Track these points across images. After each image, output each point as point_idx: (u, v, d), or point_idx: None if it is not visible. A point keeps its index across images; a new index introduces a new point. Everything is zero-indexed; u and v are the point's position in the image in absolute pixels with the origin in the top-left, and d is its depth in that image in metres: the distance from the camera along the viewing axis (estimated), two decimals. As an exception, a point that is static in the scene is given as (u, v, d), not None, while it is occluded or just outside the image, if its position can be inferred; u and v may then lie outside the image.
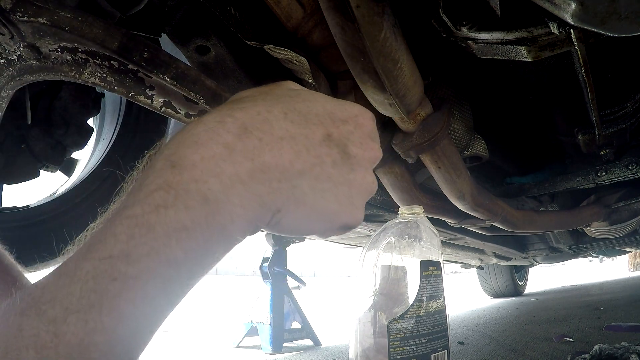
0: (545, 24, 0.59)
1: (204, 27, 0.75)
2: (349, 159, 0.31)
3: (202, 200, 0.25)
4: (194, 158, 0.26)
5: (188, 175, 0.25)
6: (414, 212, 0.85)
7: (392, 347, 0.72)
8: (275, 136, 0.28)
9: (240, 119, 0.28)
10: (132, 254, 0.24)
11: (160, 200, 0.24)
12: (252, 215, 0.27)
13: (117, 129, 1.18)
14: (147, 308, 0.25)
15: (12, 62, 0.60)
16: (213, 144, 0.26)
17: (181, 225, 0.24)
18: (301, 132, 0.29)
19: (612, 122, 1.06)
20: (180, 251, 0.24)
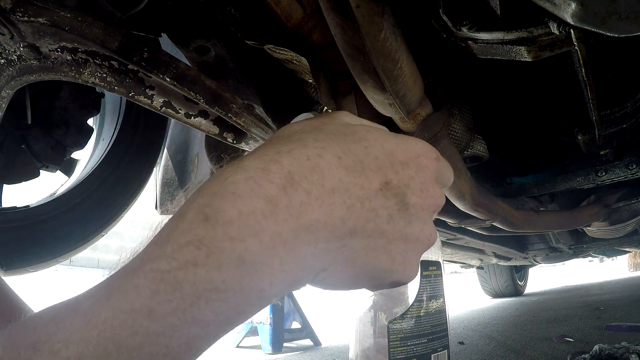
0: (545, 24, 0.59)
1: (204, 27, 0.75)
2: (407, 210, 0.28)
3: (237, 260, 0.22)
4: (231, 213, 0.22)
5: (223, 231, 0.22)
6: (414, 212, 0.85)
7: (392, 347, 0.72)
8: (327, 188, 0.25)
9: (287, 167, 0.24)
10: (156, 311, 0.22)
11: (190, 256, 0.22)
12: (293, 278, 0.24)
13: (117, 129, 1.18)
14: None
15: (12, 62, 0.60)
16: (254, 197, 0.23)
17: (212, 285, 0.22)
18: (356, 182, 0.26)
19: (612, 122, 1.06)
20: (210, 312, 0.22)
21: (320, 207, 0.24)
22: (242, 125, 0.75)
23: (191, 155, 1.22)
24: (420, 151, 0.30)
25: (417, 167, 0.29)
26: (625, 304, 2.94)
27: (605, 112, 1.05)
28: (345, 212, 0.25)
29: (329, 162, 0.25)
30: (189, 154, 1.23)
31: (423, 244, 0.29)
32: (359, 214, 0.26)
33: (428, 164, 0.30)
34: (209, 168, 1.09)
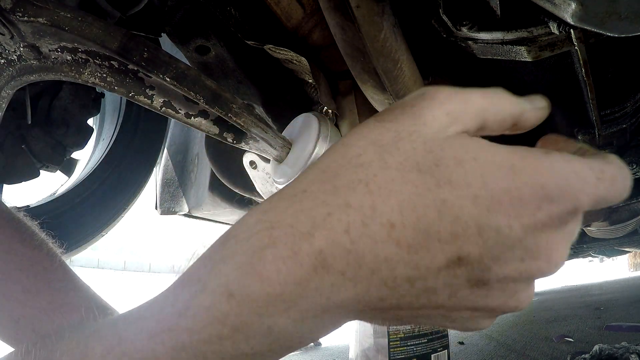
0: (545, 24, 0.59)
1: (204, 27, 0.75)
2: (485, 285, 0.22)
3: (266, 331, 0.21)
4: (259, 294, 0.20)
5: (250, 309, 0.21)
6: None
7: (392, 347, 0.72)
8: (364, 270, 0.20)
9: (318, 246, 0.20)
10: None
11: (215, 331, 0.21)
12: (325, 334, 0.24)
13: (117, 129, 1.18)
14: None
15: (12, 62, 0.60)
16: (282, 279, 0.20)
17: (240, 352, 0.21)
18: (409, 260, 0.20)
19: (612, 122, 1.07)
20: None
21: (354, 288, 0.21)
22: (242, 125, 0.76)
23: (191, 155, 1.22)
24: (565, 190, 0.20)
25: (528, 220, 0.20)
26: (625, 304, 2.94)
27: (605, 112, 1.05)
28: (386, 292, 0.21)
29: (374, 234, 0.20)
30: (189, 154, 1.23)
31: (505, 311, 0.24)
32: (404, 294, 0.21)
33: (569, 212, 0.21)
34: (209, 168, 1.09)
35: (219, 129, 0.82)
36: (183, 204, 1.20)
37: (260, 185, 0.82)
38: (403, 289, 0.21)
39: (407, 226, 0.20)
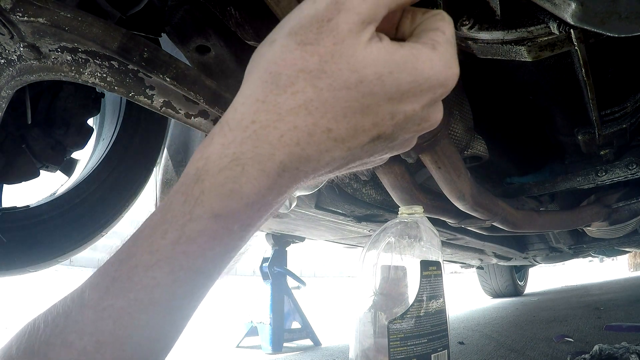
0: (545, 24, 0.59)
1: (204, 27, 0.75)
2: (392, 142, 0.31)
3: (246, 234, 0.30)
4: (240, 208, 0.28)
5: (234, 221, 0.29)
6: (414, 212, 0.85)
7: (392, 347, 0.72)
8: (314, 160, 0.29)
9: (279, 160, 0.28)
10: (177, 294, 0.27)
11: (208, 247, 0.28)
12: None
13: (117, 129, 1.18)
14: (179, 326, 0.29)
15: (12, 62, 0.60)
16: (256, 192, 0.28)
17: (232, 253, 0.30)
18: (343, 147, 0.29)
19: (612, 122, 1.06)
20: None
21: (307, 173, 0.29)
22: (242, 125, 0.75)
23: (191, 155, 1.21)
24: (435, 82, 0.28)
25: (424, 101, 0.29)
26: (625, 304, 2.94)
27: (605, 112, 1.05)
28: (330, 167, 0.30)
29: (317, 139, 0.28)
30: (189, 154, 1.23)
31: (404, 146, 0.33)
32: (340, 164, 0.30)
33: (439, 95, 0.29)
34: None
35: (219, 129, 0.82)
36: (183, 204, 1.20)
37: (260, 185, 0.82)
38: (339, 162, 0.30)
39: (341, 128, 0.28)
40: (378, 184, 1.27)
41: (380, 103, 0.27)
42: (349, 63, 0.26)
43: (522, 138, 1.47)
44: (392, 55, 0.27)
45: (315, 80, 0.27)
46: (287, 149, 0.27)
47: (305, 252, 12.83)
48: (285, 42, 0.27)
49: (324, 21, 0.26)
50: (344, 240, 2.01)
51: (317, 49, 0.26)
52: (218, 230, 0.27)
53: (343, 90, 0.27)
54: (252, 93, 0.28)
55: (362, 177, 1.09)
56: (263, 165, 0.27)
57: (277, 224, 1.71)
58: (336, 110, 0.27)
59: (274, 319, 2.25)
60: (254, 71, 0.29)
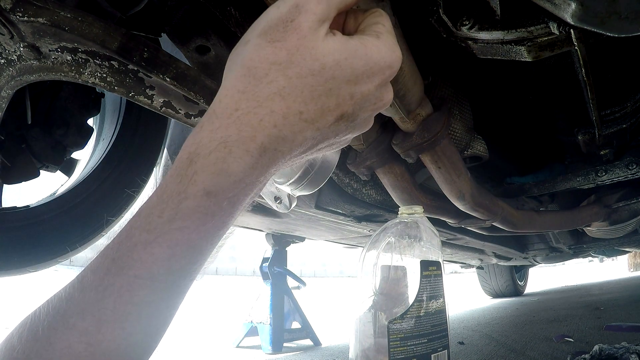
0: (545, 24, 0.59)
1: (204, 27, 0.75)
2: (354, 121, 0.36)
3: (235, 207, 0.33)
4: (229, 184, 0.31)
5: (223, 196, 0.32)
6: (414, 212, 0.85)
7: (392, 347, 0.72)
8: (289, 140, 0.33)
9: (260, 141, 0.31)
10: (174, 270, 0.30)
11: (201, 222, 0.31)
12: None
13: (117, 129, 1.18)
14: (176, 304, 0.31)
15: (12, 62, 0.60)
16: (242, 169, 0.32)
17: (222, 228, 0.33)
18: (313, 128, 0.33)
19: (612, 122, 1.06)
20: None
21: (283, 153, 0.33)
22: (242, 125, 0.75)
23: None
24: (383, 65, 0.34)
25: (376, 82, 0.34)
26: (625, 304, 2.94)
27: (605, 112, 1.05)
28: (303, 146, 0.34)
29: (291, 121, 0.32)
30: (189, 154, 1.22)
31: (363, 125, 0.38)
32: (313, 143, 0.35)
33: (388, 76, 0.35)
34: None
35: (219, 129, 0.82)
36: (183, 204, 1.20)
37: (260, 185, 0.82)
38: (311, 141, 0.34)
39: (310, 110, 0.32)
40: (378, 184, 1.27)
41: (340, 85, 0.32)
42: (311, 54, 0.31)
43: (522, 138, 1.47)
44: (345, 45, 0.33)
45: (286, 70, 0.31)
46: (266, 131, 0.31)
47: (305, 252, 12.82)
48: (257, 41, 0.33)
49: (288, 21, 0.32)
50: (344, 240, 2.01)
51: (284, 44, 0.32)
52: (210, 206, 0.30)
53: (309, 76, 0.32)
54: (233, 85, 0.32)
55: (362, 177, 1.09)
56: (246, 146, 0.31)
57: (277, 224, 1.71)
58: (305, 94, 0.32)
59: (274, 319, 2.25)
60: (233, 68, 0.33)
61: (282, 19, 0.32)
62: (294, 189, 0.73)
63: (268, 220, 1.56)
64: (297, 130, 0.32)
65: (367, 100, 0.34)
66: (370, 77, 0.33)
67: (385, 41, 0.34)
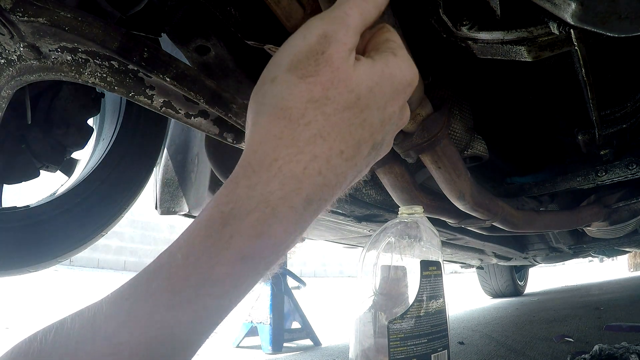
0: (545, 24, 0.59)
1: (204, 27, 0.75)
2: (381, 148, 0.34)
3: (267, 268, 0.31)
4: (268, 252, 0.29)
5: (262, 264, 0.29)
6: (414, 212, 0.85)
7: (392, 347, 0.72)
8: (332, 184, 0.31)
9: (305, 194, 0.29)
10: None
11: (233, 290, 0.28)
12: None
13: (117, 129, 1.18)
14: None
15: (12, 62, 0.60)
16: (285, 232, 0.29)
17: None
18: (350, 165, 0.31)
19: (612, 122, 1.06)
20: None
21: (327, 199, 0.31)
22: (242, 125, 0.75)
23: (191, 155, 1.21)
24: (405, 83, 0.33)
25: (400, 102, 0.33)
26: (625, 304, 2.94)
27: (605, 112, 1.05)
28: (343, 186, 0.32)
29: (334, 164, 0.30)
30: (189, 154, 1.23)
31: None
32: (352, 179, 0.33)
33: (408, 94, 0.34)
34: (209, 168, 1.09)
35: (219, 129, 0.82)
36: (183, 204, 1.20)
37: (260, 185, 0.82)
38: (349, 180, 0.32)
39: (350, 146, 0.30)
40: (378, 184, 1.27)
41: (373, 113, 0.31)
42: (346, 86, 0.29)
43: (522, 138, 1.47)
44: (373, 70, 0.31)
45: (323, 107, 0.29)
46: (311, 180, 0.28)
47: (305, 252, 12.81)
48: (287, 77, 0.29)
49: (319, 54, 0.29)
50: (344, 240, 2.01)
51: (318, 79, 0.29)
52: (244, 271, 0.28)
53: (346, 110, 0.29)
54: (267, 131, 0.29)
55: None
56: (291, 202, 0.28)
57: (277, 224, 1.71)
58: (344, 131, 0.30)
59: (274, 319, 2.25)
60: (262, 110, 0.30)
61: (312, 52, 0.29)
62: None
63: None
64: (339, 172, 0.30)
65: (392, 123, 0.33)
66: (395, 99, 0.32)
67: (402, 57, 0.32)
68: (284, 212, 0.28)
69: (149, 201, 1.30)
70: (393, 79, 0.31)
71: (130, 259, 11.31)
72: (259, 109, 0.30)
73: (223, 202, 0.28)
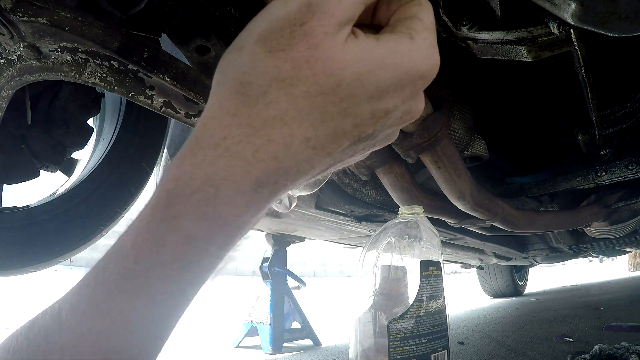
0: (545, 24, 0.59)
1: (204, 27, 0.75)
2: (375, 139, 0.30)
3: (223, 254, 0.29)
4: (216, 233, 0.27)
5: (210, 246, 0.28)
6: (414, 212, 0.85)
7: (392, 347, 0.72)
8: (292, 172, 0.27)
9: (255, 177, 0.26)
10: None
11: (177, 276, 0.27)
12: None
13: (117, 129, 1.18)
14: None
15: (12, 62, 0.60)
16: (233, 214, 0.27)
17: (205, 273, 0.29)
18: (323, 154, 0.27)
19: (612, 122, 1.07)
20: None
21: (285, 186, 0.27)
22: (242, 125, 0.75)
23: (191, 155, 1.21)
24: (415, 75, 0.27)
25: (405, 95, 0.27)
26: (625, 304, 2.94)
27: (605, 112, 1.05)
28: (309, 175, 0.28)
29: (295, 150, 0.26)
30: (189, 154, 1.22)
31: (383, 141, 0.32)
32: (322, 169, 0.29)
33: (420, 87, 0.28)
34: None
35: (219, 129, 0.82)
36: (183, 204, 1.20)
37: (260, 185, 0.82)
38: (321, 168, 0.28)
39: (319, 135, 0.26)
40: (378, 184, 1.27)
41: (360, 103, 0.26)
42: (324, 67, 0.25)
43: (522, 138, 1.47)
44: (370, 53, 0.25)
45: (290, 88, 0.25)
46: (263, 164, 0.25)
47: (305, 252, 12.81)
48: (254, 48, 0.25)
49: (297, 25, 0.24)
50: (344, 240, 2.01)
51: (289, 55, 0.25)
52: (194, 253, 0.26)
53: (320, 96, 0.25)
54: (222, 106, 0.26)
55: (362, 177, 1.09)
56: (238, 184, 0.25)
57: (277, 224, 1.71)
58: (314, 117, 0.25)
59: (274, 319, 2.25)
60: (222, 81, 0.27)
61: (289, 21, 0.24)
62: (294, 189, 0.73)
63: (268, 220, 1.56)
64: (302, 159, 0.26)
65: (393, 117, 0.28)
66: (398, 91, 0.26)
67: (420, 43, 0.26)
68: (230, 194, 0.25)
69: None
70: (397, 69, 0.26)
71: (130, 259, 11.30)
72: (220, 79, 0.27)
73: (169, 180, 0.26)
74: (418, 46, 0.27)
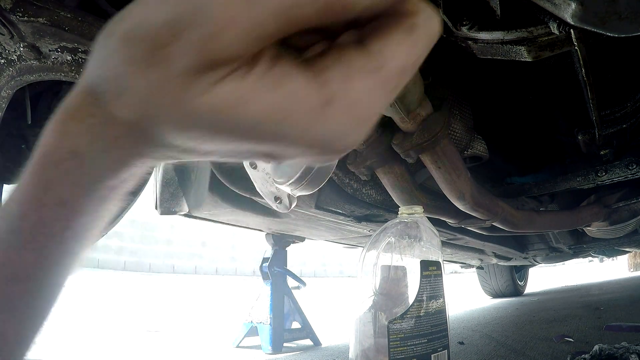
0: (545, 24, 0.59)
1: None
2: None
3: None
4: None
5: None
6: (414, 212, 0.85)
7: (392, 347, 0.72)
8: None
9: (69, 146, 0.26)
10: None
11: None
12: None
13: (117, 129, 1.18)
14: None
15: (12, 62, 0.60)
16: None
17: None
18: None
19: (612, 122, 1.07)
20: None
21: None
22: (242, 125, 0.75)
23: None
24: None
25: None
26: (625, 304, 2.94)
27: (605, 112, 1.05)
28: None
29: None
30: (189, 154, 1.23)
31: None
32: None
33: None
34: (209, 168, 1.09)
35: (219, 129, 0.82)
36: (183, 204, 1.20)
37: (260, 185, 0.82)
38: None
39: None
40: (378, 184, 1.27)
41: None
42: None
43: (522, 138, 1.48)
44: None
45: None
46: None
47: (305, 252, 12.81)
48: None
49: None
50: (344, 240, 2.01)
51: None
52: (69, 215, 0.28)
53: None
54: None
55: (362, 177, 1.10)
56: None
57: (277, 224, 1.71)
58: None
59: (274, 319, 2.25)
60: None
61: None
62: (294, 188, 0.73)
63: (268, 220, 1.56)
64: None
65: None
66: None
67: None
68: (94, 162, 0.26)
69: (149, 201, 1.30)
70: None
71: (130, 259, 11.32)
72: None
73: (42, 143, 0.27)
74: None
